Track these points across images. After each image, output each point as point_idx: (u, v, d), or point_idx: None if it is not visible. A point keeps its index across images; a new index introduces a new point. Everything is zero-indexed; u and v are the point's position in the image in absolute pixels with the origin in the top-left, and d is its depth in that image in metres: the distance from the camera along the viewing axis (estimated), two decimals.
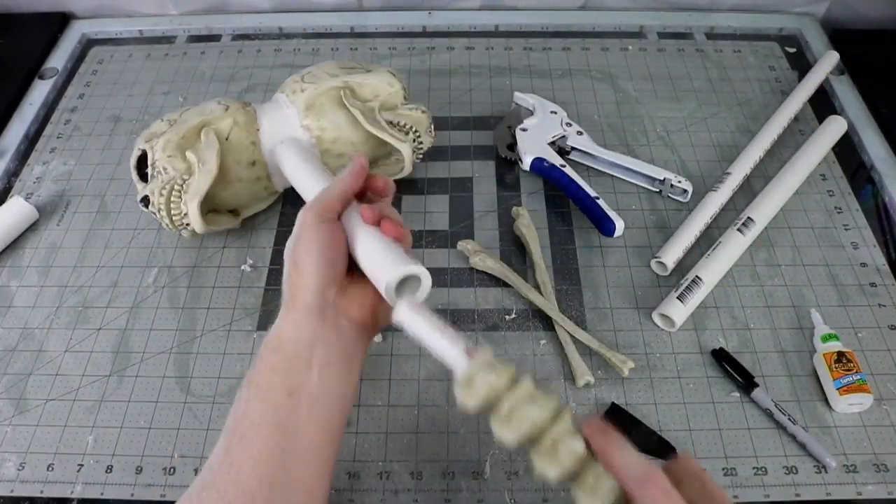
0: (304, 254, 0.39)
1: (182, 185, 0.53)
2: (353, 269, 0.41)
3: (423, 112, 0.59)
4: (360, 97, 0.57)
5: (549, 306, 0.53)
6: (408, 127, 0.59)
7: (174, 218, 0.54)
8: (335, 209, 0.41)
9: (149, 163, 0.53)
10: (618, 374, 0.50)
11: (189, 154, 0.53)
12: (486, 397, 0.34)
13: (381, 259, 0.39)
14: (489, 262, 0.55)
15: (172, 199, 0.53)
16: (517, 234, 0.58)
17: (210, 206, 0.56)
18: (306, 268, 0.39)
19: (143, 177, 0.55)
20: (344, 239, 0.41)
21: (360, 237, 0.40)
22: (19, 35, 0.78)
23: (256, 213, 0.60)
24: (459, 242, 0.57)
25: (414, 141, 0.59)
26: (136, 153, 0.55)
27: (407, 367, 0.51)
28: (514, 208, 0.59)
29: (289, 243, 0.40)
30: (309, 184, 0.48)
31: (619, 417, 0.48)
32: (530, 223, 0.58)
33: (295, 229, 0.40)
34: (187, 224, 0.54)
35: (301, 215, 0.40)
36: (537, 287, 0.55)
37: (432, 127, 0.61)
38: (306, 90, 0.56)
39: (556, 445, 0.33)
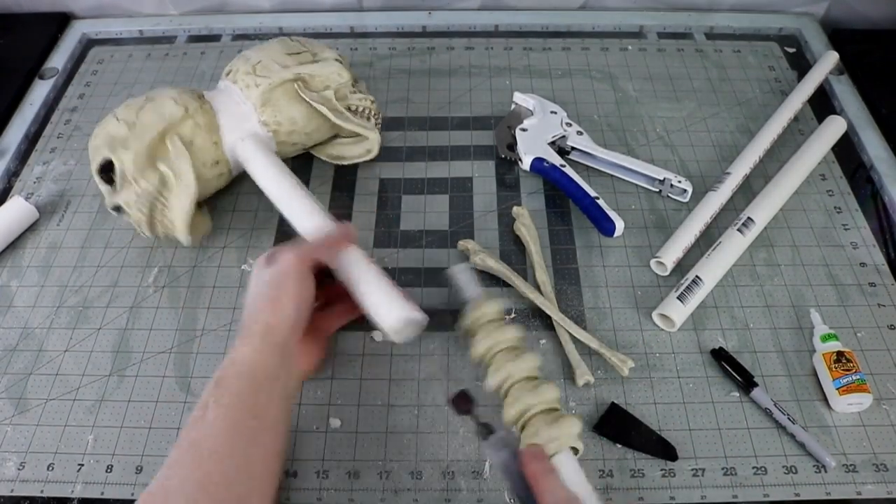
0: (287, 299, 0.43)
1: (164, 202, 0.54)
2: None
3: (371, 102, 0.61)
4: (312, 88, 0.58)
5: (549, 306, 0.53)
6: (366, 112, 0.60)
7: (158, 231, 0.55)
8: (316, 265, 0.45)
9: (117, 172, 0.52)
10: (618, 373, 0.50)
11: (161, 166, 0.53)
12: (473, 322, 0.47)
13: (382, 299, 0.46)
14: (489, 262, 0.55)
15: (156, 216, 0.54)
16: (517, 233, 0.58)
17: None
18: (286, 311, 0.43)
19: (109, 179, 0.53)
20: (314, 289, 0.45)
21: (359, 273, 0.47)
22: (19, 35, 0.78)
23: (257, 212, 0.61)
24: (459, 242, 0.57)
25: (376, 124, 0.61)
26: (98, 160, 0.53)
27: (407, 367, 0.51)
28: (515, 208, 0.59)
29: (266, 278, 0.44)
30: (287, 201, 0.54)
31: (618, 417, 0.48)
32: (530, 223, 0.58)
33: (277, 270, 0.44)
34: (171, 235, 0.55)
35: (290, 260, 0.44)
36: (537, 287, 0.55)
37: (380, 113, 0.62)
38: (261, 85, 0.56)
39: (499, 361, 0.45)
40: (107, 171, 0.53)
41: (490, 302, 0.48)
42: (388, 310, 0.46)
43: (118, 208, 0.54)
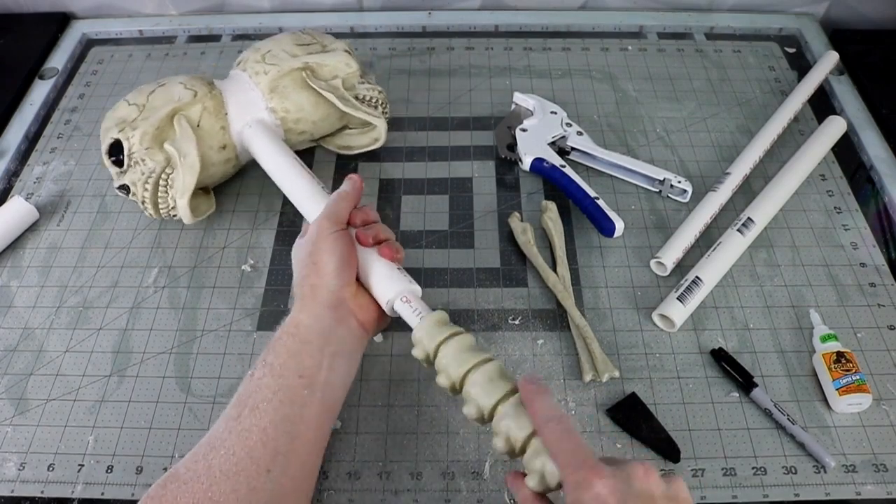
0: (326, 256, 0.44)
1: (167, 180, 0.55)
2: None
3: (379, 92, 0.61)
4: (320, 77, 0.58)
5: (569, 301, 0.53)
6: (374, 101, 0.61)
7: (161, 210, 0.56)
8: (345, 219, 0.47)
9: (125, 152, 0.54)
10: (621, 373, 0.50)
11: (167, 146, 0.54)
12: (424, 351, 0.42)
13: (381, 278, 0.46)
14: (532, 248, 0.56)
15: (159, 193, 0.55)
16: (543, 226, 0.58)
17: None
18: (327, 268, 0.44)
19: (117, 162, 0.55)
20: (355, 245, 0.46)
21: (362, 259, 0.46)
22: (19, 35, 0.78)
23: (257, 212, 0.61)
24: (513, 215, 0.59)
25: (384, 113, 0.62)
26: (108, 140, 0.55)
27: (407, 367, 0.51)
28: (543, 202, 0.59)
29: (303, 246, 0.46)
30: (291, 181, 0.54)
31: (634, 407, 0.48)
32: (557, 217, 0.58)
33: (310, 234, 0.46)
34: (174, 215, 0.56)
35: (317, 224, 0.46)
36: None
37: (388, 103, 0.63)
38: (269, 72, 0.57)
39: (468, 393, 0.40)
40: (115, 153, 0.55)
41: (433, 316, 0.43)
42: (384, 287, 0.45)
43: (125, 188, 0.56)
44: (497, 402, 0.38)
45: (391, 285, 0.45)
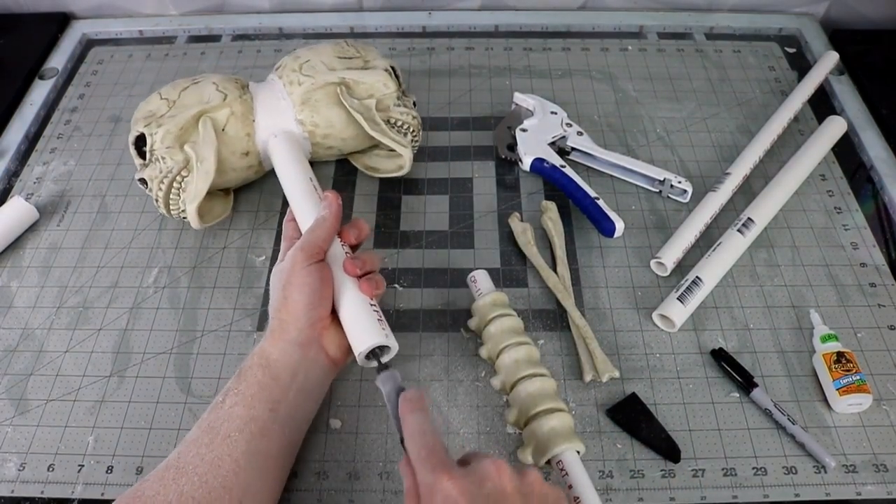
0: (296, 293, 0.43)
1: (181, 183, 0.54)
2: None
3: (414, 118, 0.60)
4: (355, 94, 0.57)
5: (569, 301, 0.53)
6: (405, 127, 0.59)
7: (172, 210, 0.56)
8: (323, 250, 0.46)
9: (147, 146, 0.54)
10: (621, 373, 0.50)
11: (187, 148, 0.54)
12: (476, 323, 0.51)
13: (356, 325, 0.44)
14: (532, 249, 0.56)
15: (171, 195, 0.55)
16: (543, 227, 0.58)
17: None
18: (296, 306, 0.43)
19: (142, 153, 0.55)
20: (331, 279, 0.45)
21: (341, 293, 0.45)
22: (19, 35, 0.78)
23: (257, 212, 0.61)
24: (512, 216, 0.59)
25: (412, 141, 0.60)
26: (134, 133, 0.55)
27: (407, 367, 0.51)
28: (543, 202, 0.59)
29: (278, 273, 0.45)
30: (299, 203, 0.51)
31: (634, 407, 0.48)
32: (557, 217, 0.58)
33: (286, 264, 0.45)
34: (184, 217, 0.56)
35: (292, 254, 0.45)
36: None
37: (420, 131, 0.61)
38: (303, 83, 0.56)
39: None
40: (140, 145, 0.55)
41: (493, 294, 0.50)
42: (359, 336, 0.44)
43: (144, 182, 0.56)
44: (515, 382, 0.46)
45: (364, 337, 0.43)
